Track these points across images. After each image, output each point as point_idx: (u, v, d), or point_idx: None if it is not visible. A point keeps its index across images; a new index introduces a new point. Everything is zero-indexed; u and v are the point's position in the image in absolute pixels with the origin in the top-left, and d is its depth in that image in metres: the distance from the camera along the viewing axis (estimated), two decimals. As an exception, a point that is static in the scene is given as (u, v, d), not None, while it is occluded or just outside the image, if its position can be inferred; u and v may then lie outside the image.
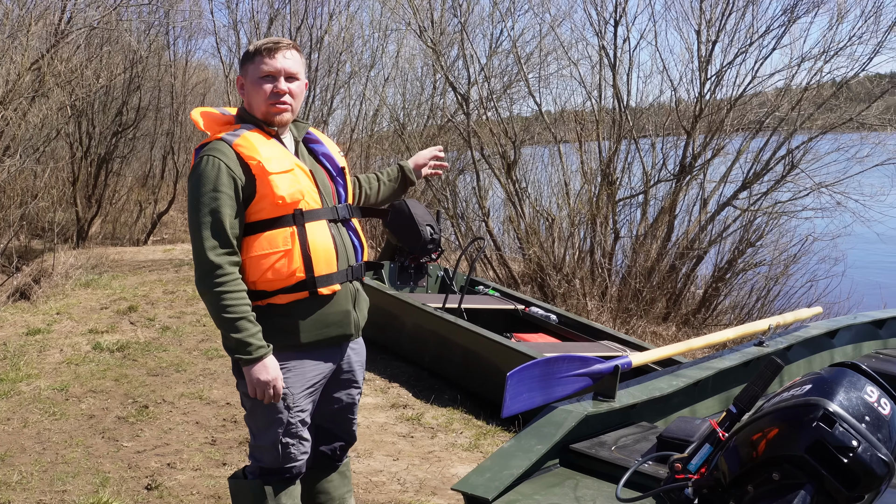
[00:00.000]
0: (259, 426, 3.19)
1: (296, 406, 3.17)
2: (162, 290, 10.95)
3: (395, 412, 6.44)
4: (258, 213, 3.05)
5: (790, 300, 11.53)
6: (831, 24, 11.08)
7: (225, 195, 2.97)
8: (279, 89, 3.13)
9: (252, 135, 3.10)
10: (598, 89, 12.20)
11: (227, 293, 2.95)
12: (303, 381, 3.17)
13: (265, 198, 3.03)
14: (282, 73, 3.14)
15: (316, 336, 3.16)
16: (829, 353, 4.40)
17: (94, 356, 7.58)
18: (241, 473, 3.33)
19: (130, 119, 17.83)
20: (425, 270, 8.80)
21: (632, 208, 12.34)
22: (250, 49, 3.17)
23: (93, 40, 15.92)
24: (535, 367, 2.97)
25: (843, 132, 11.44)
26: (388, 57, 17.36)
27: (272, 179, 3.02)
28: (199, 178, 3.00)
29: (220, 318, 2.98)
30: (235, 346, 2.98)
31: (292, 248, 3.06)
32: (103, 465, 5.15)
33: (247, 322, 2.97)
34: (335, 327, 3.22)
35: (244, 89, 3.19)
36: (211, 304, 2.99)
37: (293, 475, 3.25)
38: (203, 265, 2.97)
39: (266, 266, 3.05)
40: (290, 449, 3.19)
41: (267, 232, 3.05)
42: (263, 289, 3.08)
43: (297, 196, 3.07)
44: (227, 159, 3.00)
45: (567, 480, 2.77)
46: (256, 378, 3.00)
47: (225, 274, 2.96)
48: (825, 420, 2.01)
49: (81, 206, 17.07)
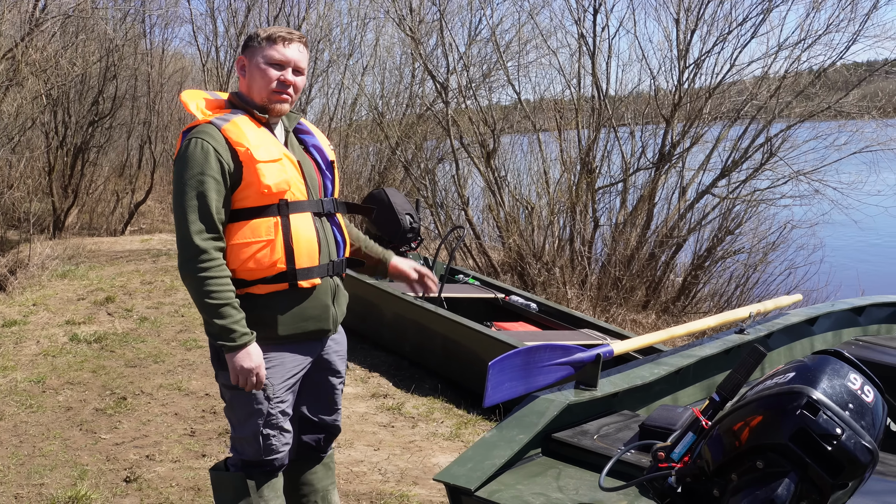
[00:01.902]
0: (238, 418, 3.15)
1: (276, 397, 3.13)
2: (140, 280, 10.88)
3: (376, 402, 6.42)
4: (243, 201, 3.00)
5: (769, 288, 11.57)
6: (808, 13, 11.13)
7: (212, 179, 2.92)
8: (287, 80, 3.10)
9: (242, 120, 3.06)
10: (577, 77, 12.19)
11: (211, 278, 2.90)
12: (282, 372, 3.14)
13: (251, 186, 2.98)
14: (291, 63, 3.12)
15: (293, 329, 3.12)
16: (809, 341, 4.40)
17: (72, 348, 7.52)
18: (222, 465, 3.28)
19: (107, 108, 17.65)
20: (405, 259, 8.75)
21: (611, 196, 12.35)
22: (262, 33, 3.12)
23: (68, 28, 15.75)
24: (516, 356, 2.95)
25: (821, 120, 11.48)
26: (367, 45, 17.31)
27: (259, 168, 2.98)
28: (186, 161, 2.95)
29: (203, 304, 2.93)
30: (219, 333, 2.93)
31: (275, 239, 3.02)
32: (81, 457, 5.11)
33: (231, 308, 2.93)
34: (313, 321, 3.18)
35: (245, 70, 3.15)
36: (194, 290, 2.94)
37: (275, 468, 3.21)
38: (188, 249, 2.92)
39: (248, 255, 3.01)
40: (272, 441, 3.15)
41: (251, 220, 3.01)
42: (243, 278, 3.03)
43: (284, 186, 3.03)
44: (216, 143, 2.95)
45: (549, 470, 2.76)
46: (240, 365, 2.96)
47: (210, 259, 2.91)
48: (809, 408, 2.00)
49: (58, 196, 16.91)
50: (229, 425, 3.24)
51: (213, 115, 3.08)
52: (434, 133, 15.25)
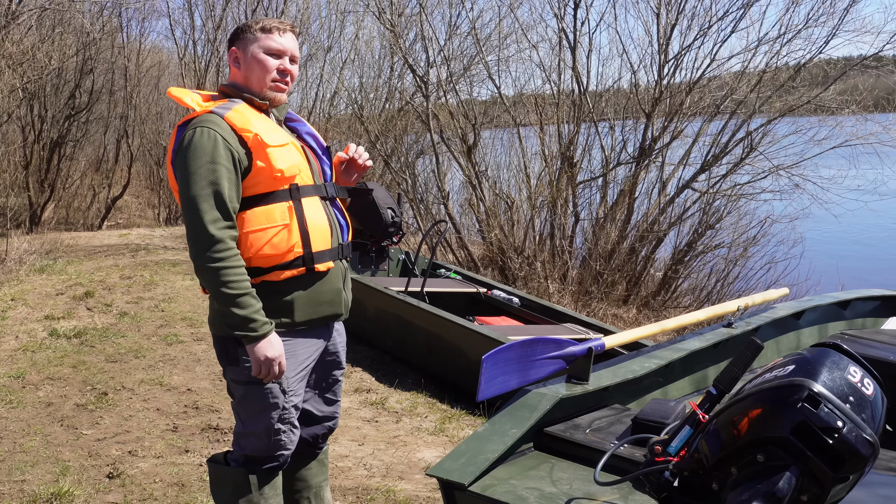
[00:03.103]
0: (250, 413, 3.09)
1: (290, 390, 3.10)
2: (119, 275, 10.80)
3: (359, 396, 6.39)
4: (255, 187, 2.97)
5: (749, 282, 11.61)
6: (788, 7, 11.17)
7: (223, 167, 2.88)
8: (286, 68, 3.09)
9: (244, 108, 3.03)
10: (557, 72, 12.19)
11: (229, 268, 2.85)
12: (296, 363, 3.10)
13: (262, 171, 2.95)
14: (288, 52, 3.11)
15: (310, 314, 3.10)
16: (795, 335, 4.41)
17: (51, 343, 7.44)
18: (221, 458, 3.23)
19: (83, 102, 17.54)
20: (387, 254, 8.75)
21: (592, 191, 12.37)
22: (254, 24, 3.10)
23: (45, 21, 15.65)
24: (510, 349, 2.93)
25: (801, 115, 11.52)
26: (346, 39, 17.26)
27: (270, 152, 2.95)
28: (193, 151, 2.89)
29: (222, 295, 2.87)
30: (240, 323, 2.88)
31: (290, 223, 2.99)
32: (63, 453, 5.05)
33: (251, 298, 2.89)
34: (327, 306, 3.16)
35: (240, 62, 3.11)
36: (211, 281, 2.88)
37: (280, 464, 3.17)
38: (203, 240, 2.85)
39: (263, 241, 2.97)
40: (282, 436, 3.12)
41: (263, 206, 2.97)
42: (258, 265, 2.99)
43: (295, 170, 3.01)
44: (223, 130, 2.91)
45: (542, 464, 2.74)
46: (263, 356, 2.91)
47: (227, 248, 2.86)
48: (810, 401, 1.98)
49: (34, 190, 16.80)
50: (236, 420, 3.17)
51: (209, 106, 3.03)
52: (414, 127, 15.22)
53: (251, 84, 3.09)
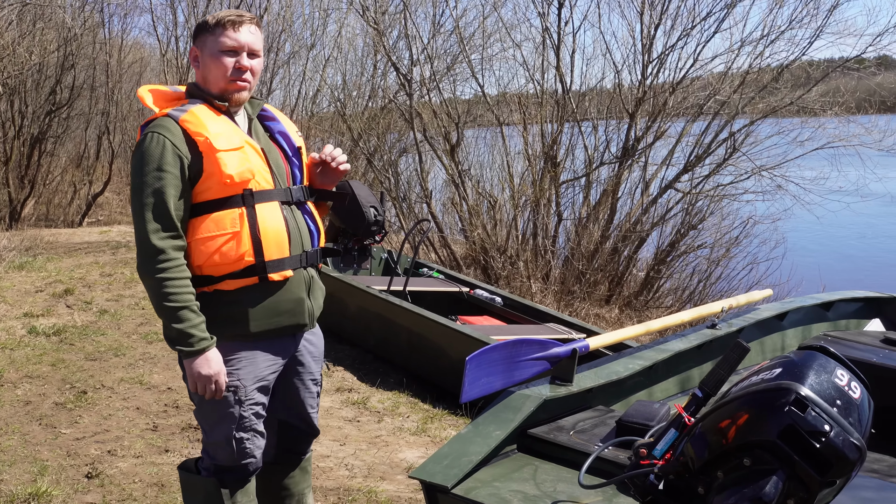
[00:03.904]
0: (209, 422, 3.04)
1: (248, 399, 3.01)
2: (99, 272, 10.72)
3: (341, 396, 6.36)
4: (205, 193, 2.89)
5: (731, 283, 11.64)
6: (772, 9, 11.20)
7: (170, 174, 2.81)
8: (242, 65, 2.97)
9: (200, 110, 2.93)
10: (541, 71, 12.17)
11: (169, 279, 2.79)
12: (255, 372, 3.02)
13: (212, 176, 2.86)
14: (245, 48, 2.97)
15: (266, 325, 3.00)
16: (779, 336, 4.40)
17: (30, 340, 7.37)
18: (192, 466, 3.17)
19: (64, 98, 17.38)
20: (369, 253, 8.59)
21: (575, 191, 12.36)
22: (210, 20, 2.98)
23: (25, 16, 15.51)
24: (493, 350, 2.90)
25: (784, 116, 11.56)
26: (329, 36, 17.17)
27: (220, 157, 2.86)
28: (142, 157, 2.84)
29: (161, 307, 2.82)
30: (176, 337, 2.83)
31: (241, 231, 2.89)
32: (41, 452, 5.00)
33: (189, 311, 2.82)
34: (287, 316, 3.06)
35: (199, 62, 3.01)
36: (152, 291, 2.83)
37: (249, 472, 3.10)
38: (145, 249, 2.81)
39: (213, 249, 2.89)
40: (245, 444, 3.04)
41: (214, 213, 2.89)
42: (210, 273, 2.92)
43: (247, 175, 2.90)
44: (173, 136, 2.83)
45: (526, 466, 2.72)
46: (198, 372, 2.85)
47: (168, 259, 2.79)
48: (797, 404, 1.97)
49: (14, 186, 16.66)
50: (201, 430, 3.12)
51: (169, 107, 2.96)
52: (397, 125, 15.17)
53: (209, 85, 3.00)
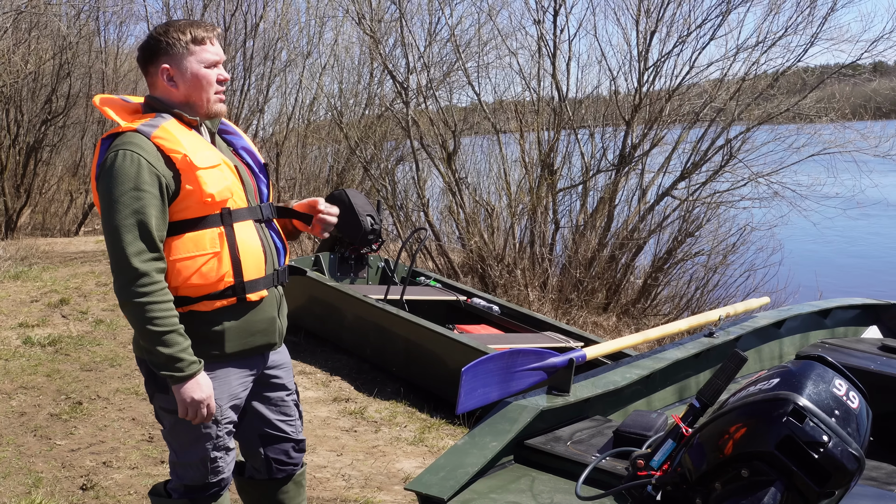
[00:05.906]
0: (183, 443, 2.96)
1: (224, 418, 2.96)
2: (95, 282, 10.69)
3: (338, 406, 6.34)
4: (183, 212, 2.79)
5: (729, 290, 11.62)
6: (767, 15, 11.21)
7: (148, 194, 2.69)
8: (223, 77, 2.92)
9: (172, 125, 2.82)
10: (537, 79, 12.18)
11: (154, 304, 2.68)
12: (229, 391, 2.96)
13: (191, 195, 2.77)
14: (222, 60, 2.93)
15: (241, 345, 2.94)
16: (777, 344, 4.39)
17: (25, 351, 7.34)
18: (162, 490, 3.10)
19: (60, 107, 17.39)
20: (366, 261, 8.70)
21: (572, 198, 12.37)
22: (182, 37, 2.85)
23: (20, 25, 15.53)
24: (490, 360, 2.88)
25: (780, 123, 11.57)
26: (326, 45, 17.19)
27: (200, 175, 2.76)
28: (114, 177, 2.70)
29: (146, 332, 2.69)
30: (165, 363, 2.71)
31: (221, 251, 2.82)
32: (36, 464, 4.98)
33: (177, 335, 2.72)
34: (260, 335, 2.99)
35: (175, 80, 2.87)
36: (135, 317, 2.69)
37: (221, 488, 3.05)
38: (126, 273, 2.67)
39: (192, 270, 2.79)
40: (218, 462, 2.99)
41: (192, 232, 2.80)
42: (186, 294, 2.82)
43: (226, 194, 2.83)
44: (147, 154, 2.72)
45: (523, 478, 2.70)
46: (190, 397, 2.75)
47: (153, 282, 2.68)
48: (795, 415, 1.96)
49: (10, 196, 16.67)
50: (169, 449, 3.04)
51: (134, 120, 2.83)
52: (393, 133, 15.18)
53: (192, 100, 2.89)
